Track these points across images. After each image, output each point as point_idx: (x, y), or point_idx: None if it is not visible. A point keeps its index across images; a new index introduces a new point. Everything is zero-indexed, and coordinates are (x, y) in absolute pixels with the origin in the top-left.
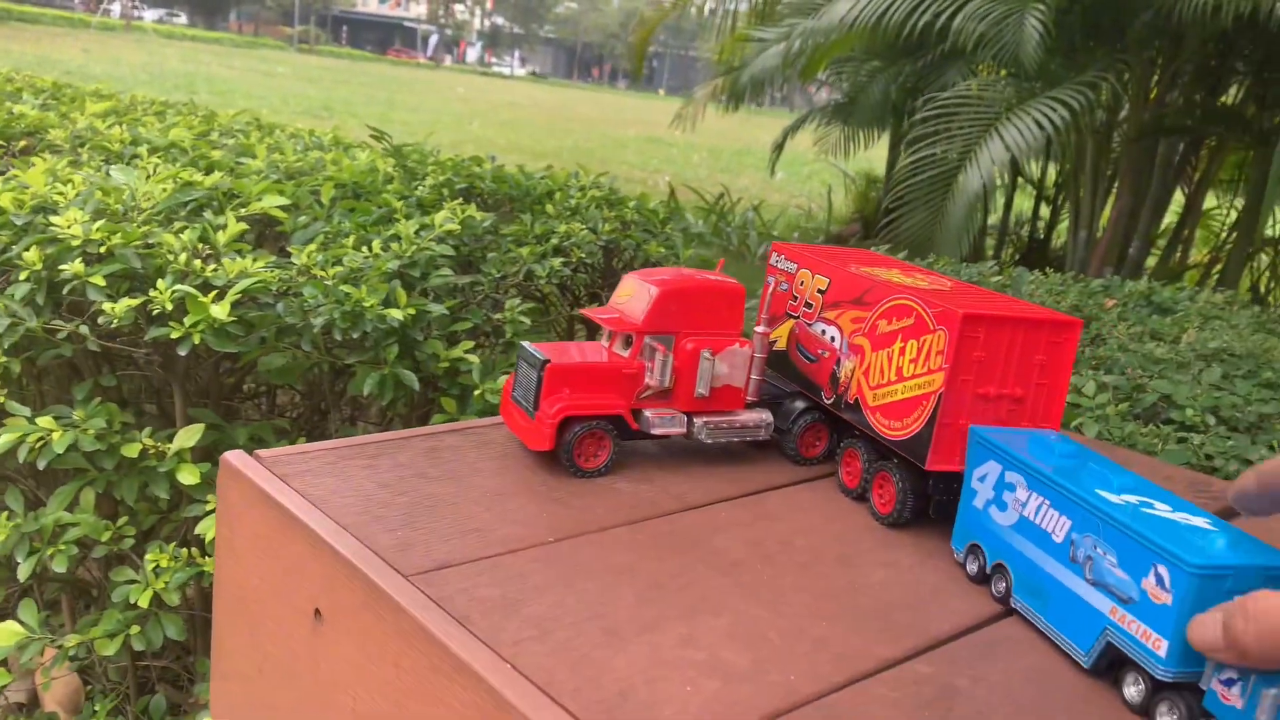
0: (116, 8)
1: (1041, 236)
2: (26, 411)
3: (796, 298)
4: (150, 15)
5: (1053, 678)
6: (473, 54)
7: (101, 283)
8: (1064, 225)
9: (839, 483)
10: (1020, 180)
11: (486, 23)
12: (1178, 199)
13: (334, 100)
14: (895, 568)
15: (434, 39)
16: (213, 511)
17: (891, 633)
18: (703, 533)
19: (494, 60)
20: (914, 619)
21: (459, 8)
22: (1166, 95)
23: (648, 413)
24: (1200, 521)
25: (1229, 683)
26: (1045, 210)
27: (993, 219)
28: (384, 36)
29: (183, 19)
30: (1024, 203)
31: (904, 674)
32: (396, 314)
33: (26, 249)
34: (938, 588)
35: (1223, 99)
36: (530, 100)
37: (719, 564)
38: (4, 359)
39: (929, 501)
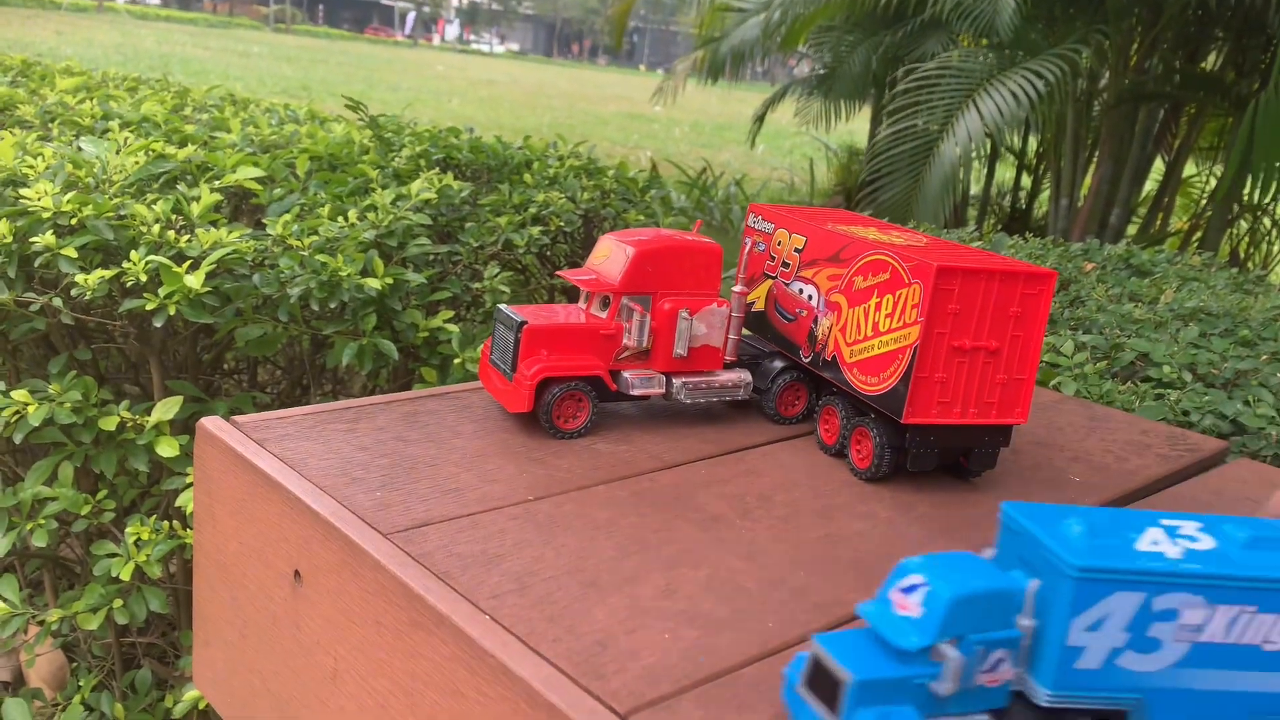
0: None
1: (1023, 206)
2: (1, 386)
3: (774, 258)
4: None
5: None
6: (451, 31)
7: (74, 255)
8: (1046, 195)
9: (818, 440)
10: (1002, 150)
11: (464, 0)
12: (1158, 167)
13: (311, 80)
14: (872, 519)
15: (411, 17)
16: (193, 483)
17: (868, 581)
18: (683, 490)
19: (472, 38)
20: (889, 567)
21: None
22: (1146, 62)
23: (626, 374)
24: None
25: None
26: (1027, 180)
27: (975, 189)
28: (361, 15)
29: (156, 0)
30: (1006, 173)
31: None
32: (374, 283)
33: None
34: (914, 538)
35: (1202, 65)
36: (509, 77)
37: (699, 519)
38: None
39: (906, 455)
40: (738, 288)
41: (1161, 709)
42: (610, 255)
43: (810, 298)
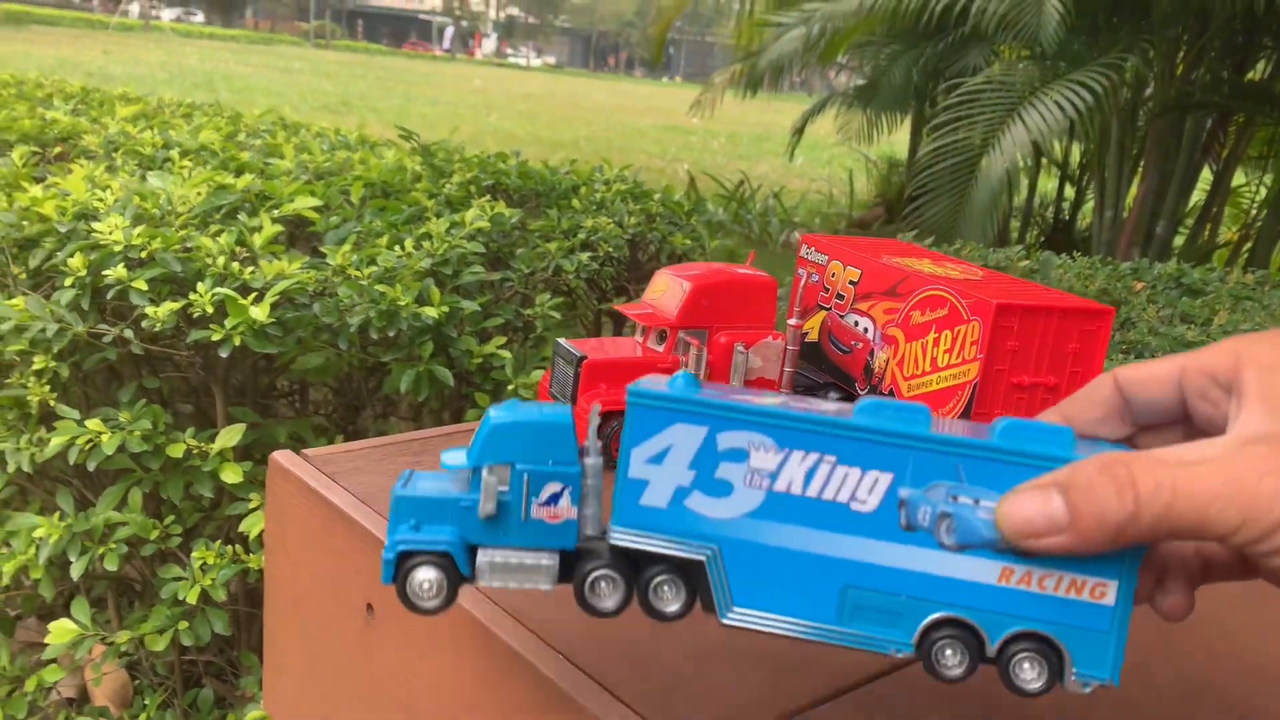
0: (135, 8)
1: (1067, 217)
2: (76, 414)
3: (828, 289)
4: (168, 14)
5: None
6: (488, 45)
7: (144, 287)
8: (1089, 206)
9: None
10: (1044, 161)
11: (502, 14)
12: (1205, 176)
13: (352, 95)
14: None
15: (449, 31)
16: (255, 509)
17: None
18: None
19: (510, 51)
20: None
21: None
22: (1192, 72)
23: None
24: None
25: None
26: (1070, 191)
27: (1017, 201)
28: (399, 30)
29: (200, 17)
30: (1049, 184)
31: None
32: (431, 312)
33: (71, 255)
34: None
35: (1250, 74)
36: (547, 91)
37: None
38: (53, 363)
39: None
40: (793, 320)
41: (739, 563)
42: (667, 290)
43: (866, 330)
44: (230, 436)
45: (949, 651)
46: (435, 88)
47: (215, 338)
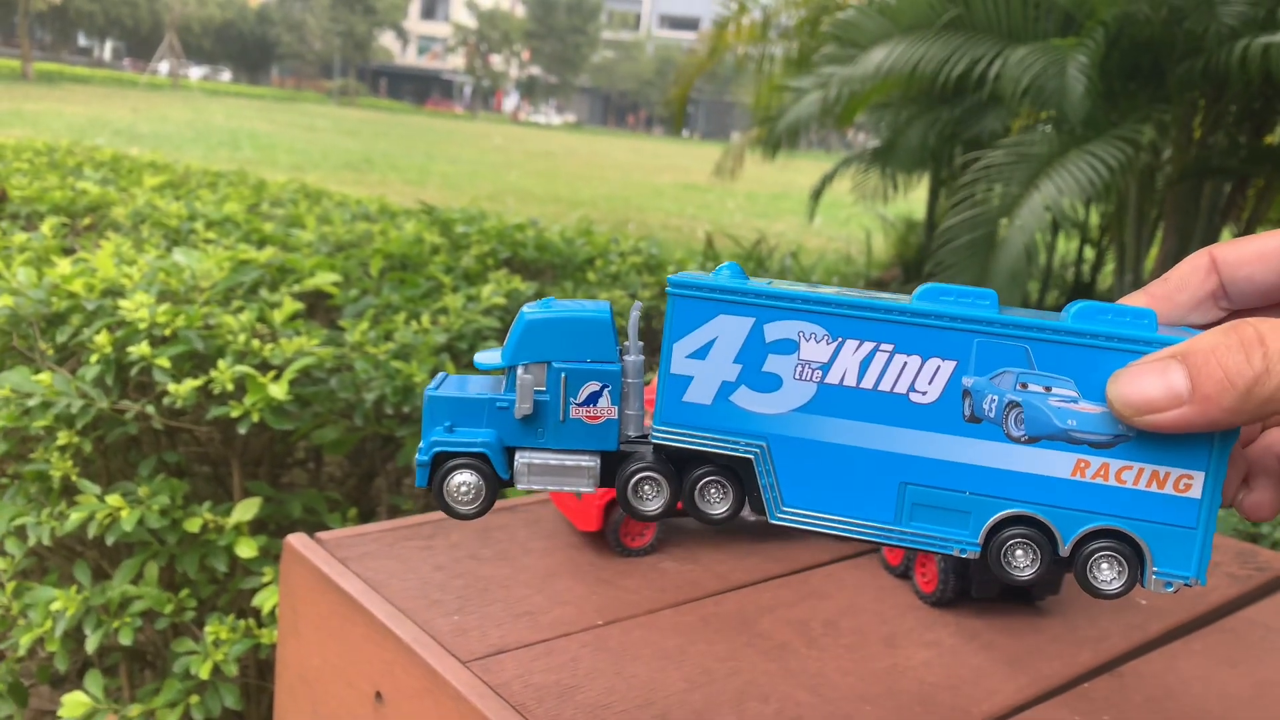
0: (164, 67)
1: (1087, 280)
2: (96, 489)
3: None
4: (196, 73)
5: None
6: (509, 104)
7: (167, 364)
8: (1110, 268)
9: (882, 560)
10: (1064, 224)
11: (523, 73)
12: (1225, 239)
13: (374, 153)
14: (938, 648)
15: (469, 90)
16: (268, 583)
17: (934, 715)
18: (749, 614)
19: (530, 109)
20: (956, 700)
21: (495, 59)
22: (1210, 137)
23: None
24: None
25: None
26: (1090, 252)
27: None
28: (421, 88)
29: (227, 76)
30: (1070, 243)
31: None
32: None
33: (97, 332)
34: (979, 669)
35: (1268, 138)
36: (566, 149)
37: (765, 647)
38: (76, 439)
39: (970, 581)
40: None
41: (789, 460)
42: None
43: None
44: (246, 511)
45: (1019, 552)
46: (457, 145)
47: (234, 414)
